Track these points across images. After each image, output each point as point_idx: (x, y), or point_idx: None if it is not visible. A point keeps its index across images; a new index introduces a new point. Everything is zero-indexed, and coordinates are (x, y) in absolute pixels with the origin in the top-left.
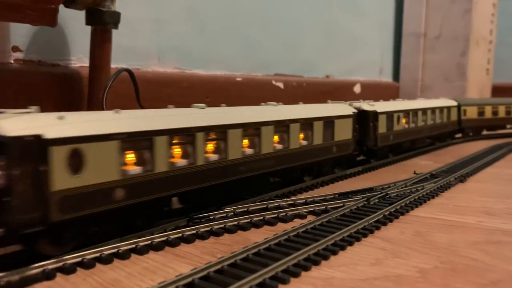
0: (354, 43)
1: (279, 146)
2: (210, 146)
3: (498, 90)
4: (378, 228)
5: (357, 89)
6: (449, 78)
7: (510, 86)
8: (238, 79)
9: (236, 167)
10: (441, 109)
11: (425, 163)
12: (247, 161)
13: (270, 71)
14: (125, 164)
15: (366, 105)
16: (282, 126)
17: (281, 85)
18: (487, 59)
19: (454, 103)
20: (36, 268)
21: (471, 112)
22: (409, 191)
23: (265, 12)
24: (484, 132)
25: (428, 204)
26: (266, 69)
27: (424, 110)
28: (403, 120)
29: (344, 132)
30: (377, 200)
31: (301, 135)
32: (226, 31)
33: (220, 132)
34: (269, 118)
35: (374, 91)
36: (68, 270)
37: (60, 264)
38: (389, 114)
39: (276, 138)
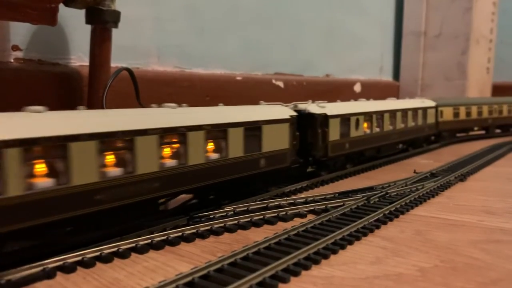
0: (354, 42)
1: (171, 163)
2: None
3: (498, 89)
4: (378, 227)
5: (357, 88)
6: (449, 77)
7: (510, 85)
8: (238, 78)
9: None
10: (415, 110)
11: (425, 162)
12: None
13: (270, 70)
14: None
15: (314, 107)
16: (174, 135)
17: (281, 84)
18: (487, 58)
19: (432, 104)
20: (36, 267)
21: (448, 114)
22: (409, 190)
23: (265, 11)
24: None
25: (428, 203)
26: (266, 68)
27: (393, 112)
28: (365, 125)
29: (277, 141)
30: (377, 199)
31: (209, 146)
32: (226, 30)
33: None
34: (150, 126)
35: (374, 90)
36: (68, 269)
37: (60, 263)
38: (345, 118)
39: (166, 151)
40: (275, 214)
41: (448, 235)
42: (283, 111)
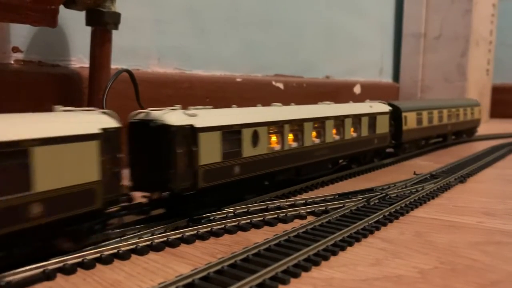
0: (354, 43)
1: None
2: None
3: (498, 91)
4: (378, 229)
5: (357, 89)
6: (449, 79)
7: (510, 87)
8: (238, 79)
9: None
10: (357, 117)
11: (425, 164)
12: None
13: (270, 72)
14: None
15: (175, 116)
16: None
17: (281, 85)
18: (487, 60)
19: (385, 109)
20: (36, 269)
21: (412, 120)
22: (409, 191)
23: (265, 12)
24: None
25: (428, 205)
26: (266, 69)
27: (321, 121)
28: (272, 138)
29: (77, 172)
30: (377, 201)
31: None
32: (226, 31)
33: None
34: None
35: (374, 91)
36: (68, 270)
37: (61, 264)
38: (231, 131)
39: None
40: (275, 216)
41: (448, 236)
42: (87, 123)
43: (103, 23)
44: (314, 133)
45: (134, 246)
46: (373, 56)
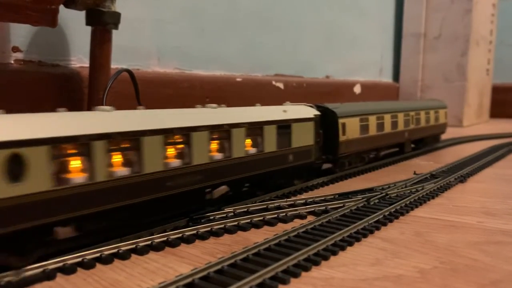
0: (354, 43)
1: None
2: None
3: (498, 91)
4: (378, 229)
5: (357, 89)
6: (449, 78)
7: (510, 87)
8: (238, 79)
9: None
10: (255, 127)
11: (425, 163)
12: None
13: (270, 72)
14: None
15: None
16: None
17: (281, 85)
18: (487, 59)
19: (309, 113)
20: (36, 268)
21: (353, 128)
22: (409, 191)
23: (265, 12)
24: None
25: (428, 205)
26: (266, 69)
27: (185, 133)
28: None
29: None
30: (377, 201)
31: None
32: (226, 31)
33: None
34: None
35: (374, 91)
36: (68, 270)
37: (61, 264)
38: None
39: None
40: (275, 215)
41: (448, 236)
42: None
43: (103, 23)
44: (169, 152)
45: (134, 246)
46: (373, 56)
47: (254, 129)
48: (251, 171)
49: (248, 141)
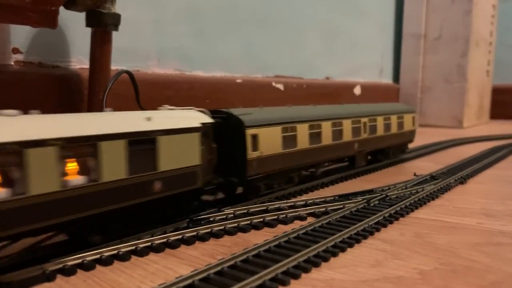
0: (354, 44)
1: None
2: None
3: (498, 92)
4: (378, 230)
5: (357, 90)
6: (449, 79)
7: (510, 88)
8: (238, 80)
9: None
10: (86, 144)
11: (425, 165)
12: None
13: (270, 73)
14: None
15: None
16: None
17: (281, 86)
18: (487, 61)
19: (192, 122)
20: (36, 270)
21: (270, 141)
22: (409, 192)
23: (265, 13)
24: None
25: (428, 206)
26: (266, 70)
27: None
28: None
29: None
30: (377, 202)
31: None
32: (226, 32)
33: None
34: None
35: (374, 92)
36: (68, 271)
37: (60, 265)
38: None
39: None
40: (275, 217)
41: (448, 237)
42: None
43: (103, 24)
44: None
45: (134, 247)
46: (373, 57)
47: (81, 148)
48: (71, 213)
49: (70, 166)
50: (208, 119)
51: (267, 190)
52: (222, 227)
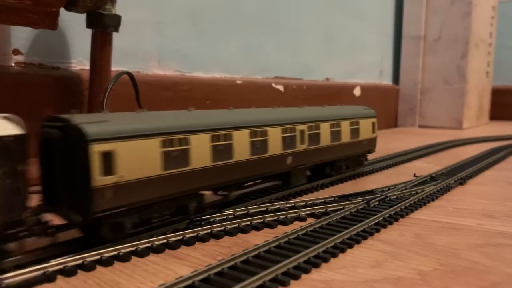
0: (354, 46)
1: None
2: None
3: (497, 93)
4: (378, 231)
5: (357, 92)
6: (449, 81)
7: (509, 89)
8: (238, 81)
9: None
10: None
11: (425, 166)
12: None
13: (270, 74)
14: None
15: None
16: None
17: (281, 87)
18: (487, 62)
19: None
20: (37, 271)
21: (127, 160)
22: (409, 193)
23: (265, 15)
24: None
25: (428, 207)
26: (266, 71)
27: None
28: None
29: None
30: (377, 203)
31: None
32: (226, 34)
33: None
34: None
35: (374, 93)
36: (68, 272)
37: (61, 266)
38: None
39: None
40: (275, 218)
41: (447, 238)
42: None
43: (103, 26)
44: None
45: (134, 248)
46: (373, 58)
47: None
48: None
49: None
50: (10, 130)
51: (141, 227)
52: (222, 228)
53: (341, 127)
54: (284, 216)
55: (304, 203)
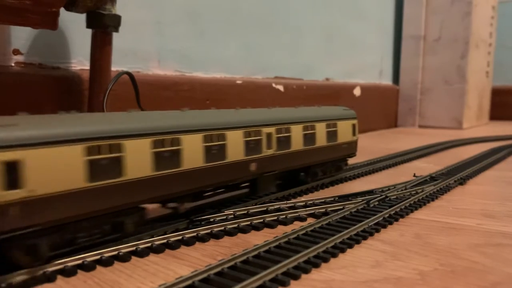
0: (353, 46)
1: None
2: None
3: (497, 93)
4: (378, 231)
5: (357, 92)
6: (449, 81)
7: (509, 89)
8: (238, 81)
9: None
10: None
11: (425, 166)
12: None
13: (270, 74)
14: None
15: None
16: None
17: (281, 88)
18: (486, 62)
19: None
20: (36, 271)
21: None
22: (408, 193)
23: (265, 15)
24: None
25: (428, 207)
26: (266, 71)
27: None
28: None
29: None
30: (377, 203)
31: None
32: (226, 34)
33: None
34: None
35: (374, 93)
36: (68, 272)
37: (61, 266)
38: None
39: None
40: (275, 218)
41: (447, 238)
42: None
43: (103, 26)
44: None
45: (134, 248)
46: (373, 58)
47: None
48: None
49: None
50: None
51: (65, 248)
52: (222, 228)
53: (315, 129)
54: (284, 216)
55: (304, 203)
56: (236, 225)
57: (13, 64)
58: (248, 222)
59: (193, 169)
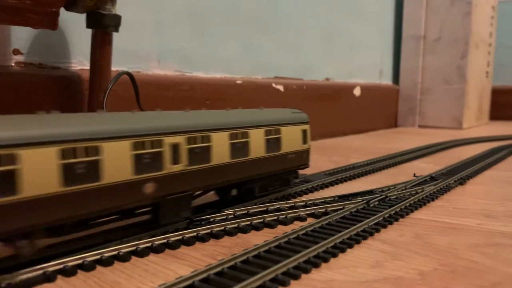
0: (354, 46)
1: None
2: None
3: (497, 93)
4: (378, 231)
5: (357, 91)
6: (449, 81)
7: (509, 89)
8: (238, 82)
9: None
10: None
11: (425, 166)
12: None
13: (270, 74)
14: None
15: None
16: None
17: (281, 88)
18: (486, 62)
19: None
20: (36, 270)
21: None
22: (409, 193)
23: (265, 15)
24: None
25: (428, 207)
26: (266, 71)
27: None
28: None
29: None
30: (377, 203)
31: None
32: (226, 34)
33: None
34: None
35: (374, 93)
36: (68, 272)
37: (61, 266)
38: None
39: None
40: (275, 218)
41: (447, 238)
42: None
43: (103, 26)
44: None
45: (134, 248)
46: (373, 58)
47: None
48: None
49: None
50: None
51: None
52: (222, 228)
53: (249, 137)
54: (284, 216)
55: (304, 203)
56: (236, 225)
57: (13, 64)
58: (248, 222)
59: (39, 196)
